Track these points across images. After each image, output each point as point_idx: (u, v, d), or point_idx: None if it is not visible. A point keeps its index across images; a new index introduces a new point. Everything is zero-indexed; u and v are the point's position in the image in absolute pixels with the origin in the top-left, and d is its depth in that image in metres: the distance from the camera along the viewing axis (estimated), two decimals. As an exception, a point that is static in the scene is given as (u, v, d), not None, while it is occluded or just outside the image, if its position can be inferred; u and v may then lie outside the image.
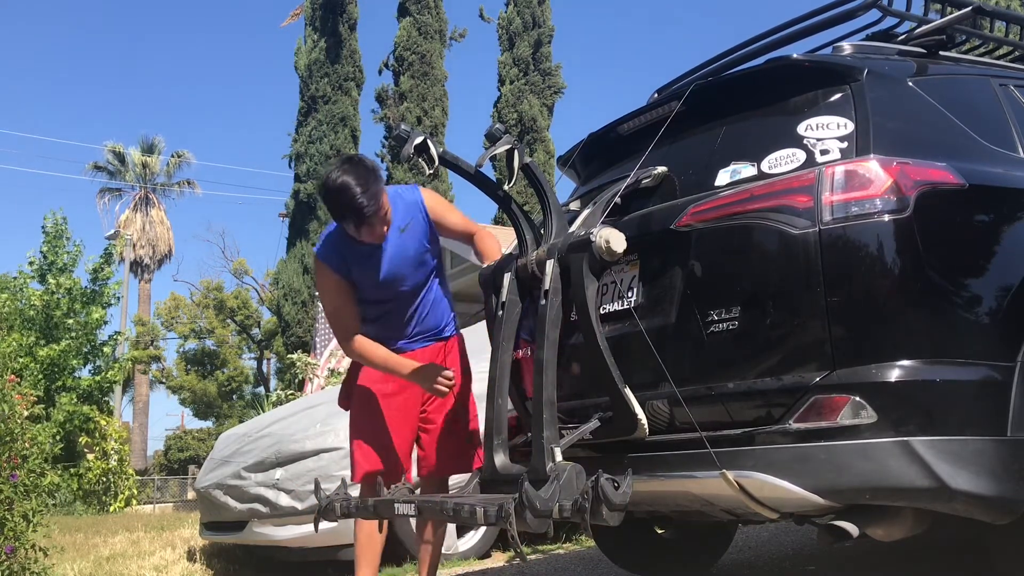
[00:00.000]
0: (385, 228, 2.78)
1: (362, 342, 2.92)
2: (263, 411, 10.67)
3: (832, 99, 2.40)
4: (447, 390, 2.87)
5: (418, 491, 2.98)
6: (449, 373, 2.88)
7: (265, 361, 31.19)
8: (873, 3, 2.69)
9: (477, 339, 3.36)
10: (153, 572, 5.39)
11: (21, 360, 13.35)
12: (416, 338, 3.03)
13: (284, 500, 4.49)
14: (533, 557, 4.41)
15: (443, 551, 4.39)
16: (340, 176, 2.67)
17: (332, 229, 2.94)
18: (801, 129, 2.36)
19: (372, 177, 2.70)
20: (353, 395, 3.06)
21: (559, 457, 2.25)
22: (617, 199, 2.60)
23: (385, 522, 2.97)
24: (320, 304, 13.30)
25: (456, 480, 4.38)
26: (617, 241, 2.37)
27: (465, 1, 50.73)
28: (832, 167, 2.20)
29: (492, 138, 2.62)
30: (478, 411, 3.06)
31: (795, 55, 2.60)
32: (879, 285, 2.11)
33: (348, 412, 3.10)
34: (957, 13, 2.84)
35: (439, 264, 3.08)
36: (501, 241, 3.09)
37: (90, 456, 14.07)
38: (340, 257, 2.89)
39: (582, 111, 56.37)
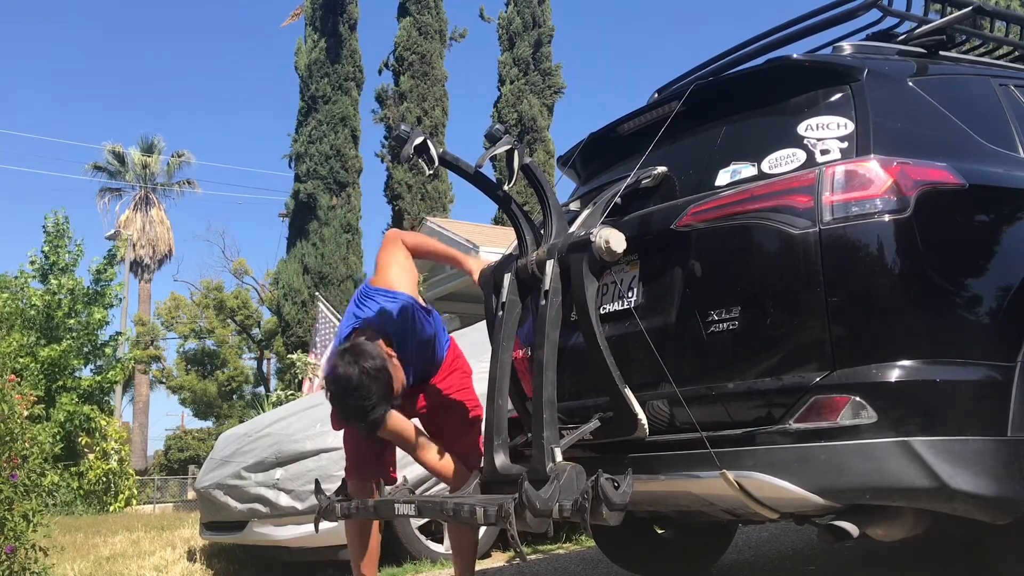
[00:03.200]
0: (399, 390, 2.71)
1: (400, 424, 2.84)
2: (263, 411, 10.67)
3: (832, 99, 2.40)
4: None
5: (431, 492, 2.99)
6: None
7: (265, 361, 31.17)
8: (873, 3, 2.69)
9: (477, 338, 3.35)
10: (153, 572, 5.39)
11: (22, 360, 13.35)
12: (429, 376, 3.02)
13: (284, 500, 4.49)
14: (533, 557, 4.41)
15: (443, 551, 4.41)
16: (351, 399, 2.55)
17: None
18: (801, 129, 2.36)
19: (378, 379, 2.55)
20: None
21: (559, 457, 2.25)
22: (617, 199, 2.60)
23: (376, 523, 2.98)
24: (319, 306, 13.29)
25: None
26: (617, 241, 2.38)
27: (465, 1, 50.83)
28: (832, 167, 2.20)
29: (492, 138, 2.62)
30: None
31: (795, 55, 2.60)
32: (879, 285, 2.11)
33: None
34: (957, 13, 2.84)
35: (427, 309, 3.00)
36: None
37: (90, 456, 14.06)
38: None
39: (582, 111, 56.45)
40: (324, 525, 2.80)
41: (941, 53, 2.83)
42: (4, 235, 57.77)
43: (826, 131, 2.33)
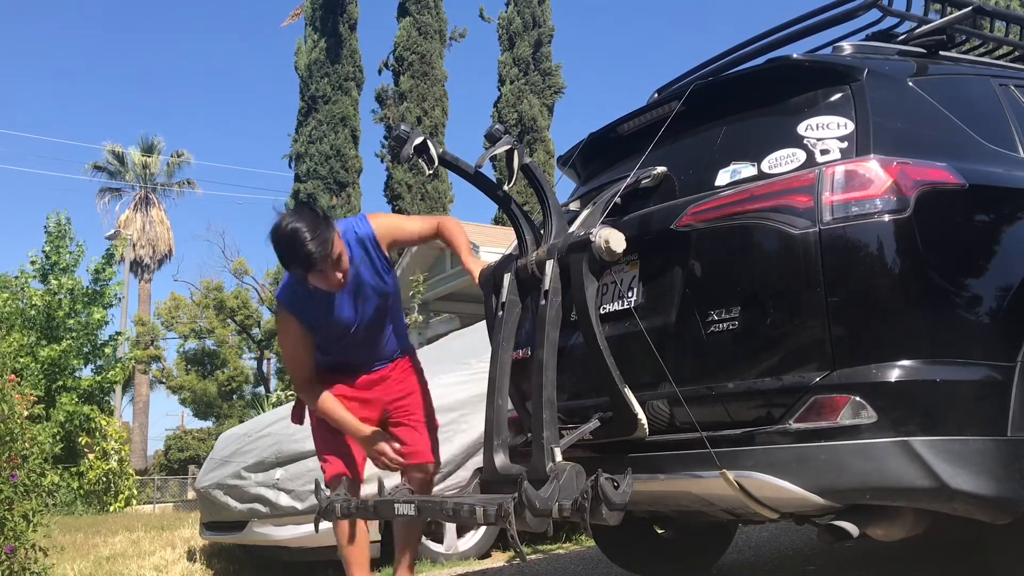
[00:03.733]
0: (341, 275, 2.77)
1: (319, 396, 2.97)
2: (263, 411, 10.66)
3: (832, 99, 2.40)
4: (389, 464, 2.97)
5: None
6: (396, 457, 2.96)
7: (265, 361, 31.15)
8: (873, 3, 2.69)
9: (477, 338, 3.34)
10: (153, 572, 5.39)
11: (22, 360, 13.35)
12: (375, 364, 3.09)
13: (284, 500, 4.49)
14: (533, 557, 4.41)
15: (443, 551, 4.42)
16: (289, 223, 2.65)
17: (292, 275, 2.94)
18: (801, 129, 2.36)
19: (323, 221, 2.68)
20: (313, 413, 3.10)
21: (559, 457, 2.25)
22: (617, 199, 2.60)
23: (367, 523, 3.03)
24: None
25: (458, 480, 4.40)
26: (617, 241, 2.38)
27: (465, 1, 50.91)
28: (832, 167, 2.20)
29: (492, 138, 2.62)
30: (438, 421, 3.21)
31: (795, 55, 2.60)
32: (879, 285, 2.11)
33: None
34: (957, 13, 2.84)
35: (395, 288, 3.09)
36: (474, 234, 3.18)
37: (90, 456, 14.06)
38: (300, 301, 2.89)
39: (582, 111, 56.50)
40: (324, 525, 2.80)
41: (941, 53, 2.83)
42: (4, 235, 57.81)
43: (826, 131, 2.32)
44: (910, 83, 2.51)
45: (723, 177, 2.43)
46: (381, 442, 2.97)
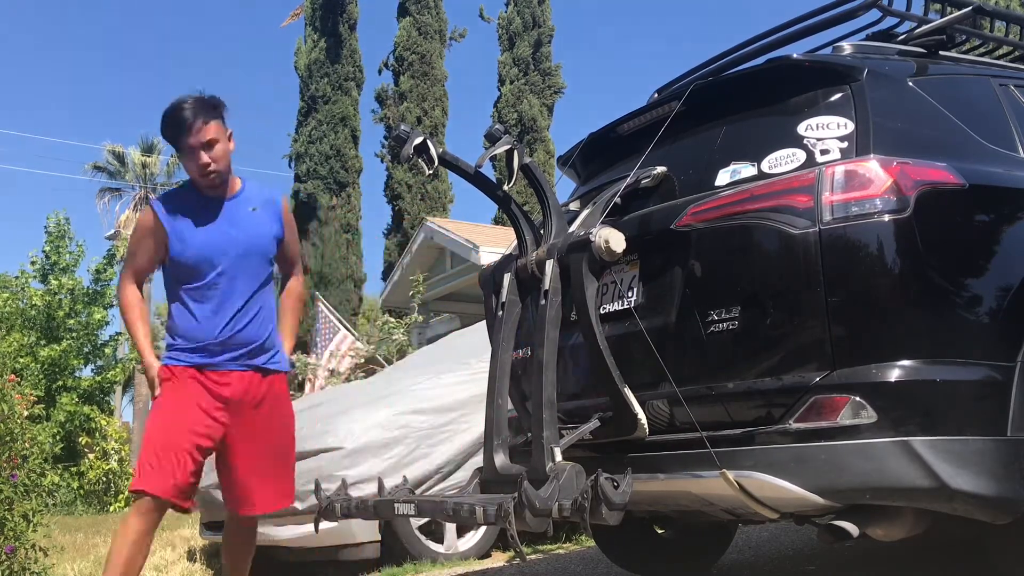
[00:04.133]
0: (211, 163, 2.77)
1: (134, 296, 2.90)
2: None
3: (832, 99, 2.40)
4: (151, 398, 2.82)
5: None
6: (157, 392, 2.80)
7: (265, 361, 31.11)
8: (873, 3, 2.69)
9: (477, 338, 3.34)
10: (153, 572, 5.38)
11: (22, 360, 13.35)
12: (231, 349, 2.81)
13: (284, 500, 4.48)
14: (533, 557, 4.41)
15: (443, 551, 4.42)
16: (180, 99, 2.79)
17: (184, 183, 3.00)
18: (801, 129, 2.36)
19: (211, 104, 2.80)
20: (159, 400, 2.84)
21: (559, 457, 2.25)
22: (617, 199, 2.60)
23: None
24: (319, 306, 13.26)
25: (457, 480, 4.39)
26: (616, 241, 2.38)
27: (465, 1, 50.89)
28: (832, 167, 2.20)
29: (492, 138, 2.62)
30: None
31: (795, 55, 2.60)
32: (879, 285, 2.11)
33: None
34: (957, 13, 2.84)
35: (273, 266, 3.02)
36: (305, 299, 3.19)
37: (90, 456, 14.06)
38: (175, 206, 2.86)
39: (582, 111, 56.53)
40: (324, 525, 2.80)
41: (941, 53, 2.83)
42: (4, 235, 57.85)
43: (826, 131, 2.33)
44: (910, 83, 2.51)
45: (723, 177, 2.43)
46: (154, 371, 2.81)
